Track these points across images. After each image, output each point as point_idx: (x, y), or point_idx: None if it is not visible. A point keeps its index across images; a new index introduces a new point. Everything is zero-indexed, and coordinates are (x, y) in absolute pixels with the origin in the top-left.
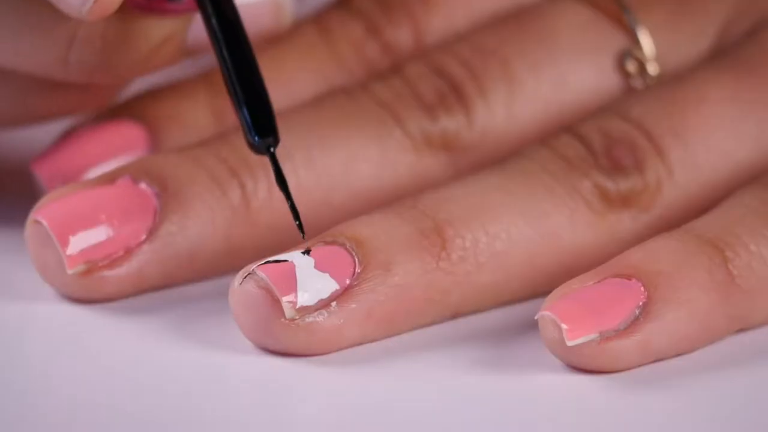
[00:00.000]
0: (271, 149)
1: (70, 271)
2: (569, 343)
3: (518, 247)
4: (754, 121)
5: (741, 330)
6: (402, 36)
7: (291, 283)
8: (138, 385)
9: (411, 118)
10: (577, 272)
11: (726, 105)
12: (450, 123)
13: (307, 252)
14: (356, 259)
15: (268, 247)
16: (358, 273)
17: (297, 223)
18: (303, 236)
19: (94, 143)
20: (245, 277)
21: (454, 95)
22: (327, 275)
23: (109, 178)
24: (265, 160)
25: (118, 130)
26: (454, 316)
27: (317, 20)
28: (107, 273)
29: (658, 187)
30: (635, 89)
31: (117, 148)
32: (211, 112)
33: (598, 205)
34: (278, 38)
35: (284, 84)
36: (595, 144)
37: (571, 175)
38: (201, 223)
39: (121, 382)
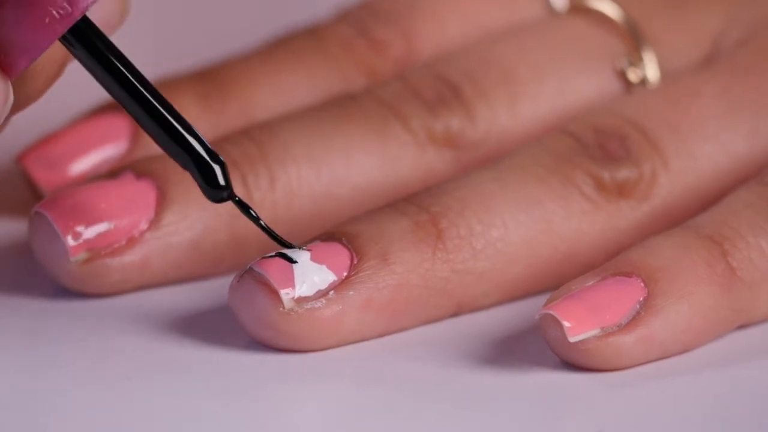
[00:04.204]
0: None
1: (72, 259)
2: (571, 339)
3: (514, 234)
4: (749, 114)
5: (743, 326)
6: (395, 45)
7: (288, 277)
8: (138, 384)
9: (412, 114)
10: (577, 260)
11: (720, 98)
12: (453, 120)
13: (303, 248)
14: (352, 253)
15: (271, 241)
16: (355, 264)
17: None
18: (287, 246)
19: (76, 132)
20: (243, 275)
21: (454, 96)
22: (324, 267)
23: (111, 174)
24: (267, 153)
25: (101, 120)
26: (459, 308)
27: (311, 30)
28: (110, 261)
29: (654, 176)
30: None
31: (100, 136)
32: (196, 98)
33: (593, 193)
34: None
35: (283, 93)
36: (587, 138)
37: (563, 166)
38: (204, 213)
39: (121, 380)
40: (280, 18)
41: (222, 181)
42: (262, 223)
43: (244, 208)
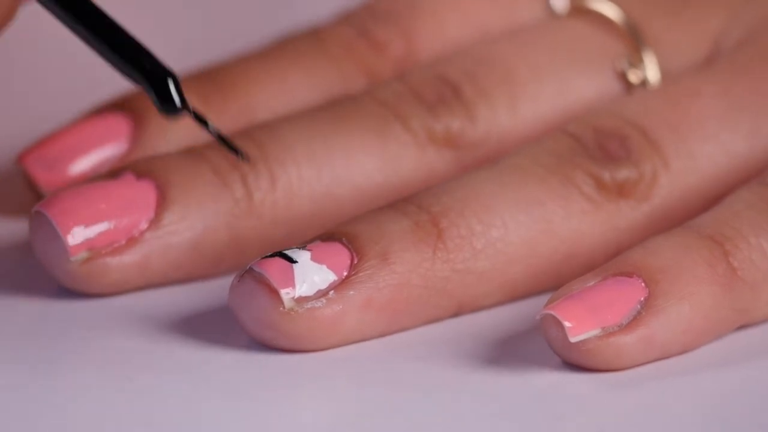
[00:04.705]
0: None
1: (72, 259)
2: (572, 339)
3: (514, 234)
4: (750, 114)
5: (743, 326)
6: (395, 46)
7: (288, 276)
8: (139, 385)
9: (412, 115)
10: (578, 260)
11: (720, 99)
12: (453, 121)
13: (303, 248)
14: (352, 252)
15: (273, 240)
16: (355, 264)
17: (235, 151)
18: (242, 157)
19: (76, 132)
20: (243, 275)
21: (454, 96)
22: (324, 267)
23: (112, 175)
24: (267, 153)
25: (101, 119)
26: (459, 308)
27: (312, 32)
28: (110, 260)
29: (655, 176)
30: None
31: (100, 136)
32: (196, 98)
33: (593, 193)
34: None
35: (283, 93)
36: (587, 139)
37: (563, 167)
38: (204, 213)
39: (120, 380)
40: (281, 21)
41: (175, 95)
42: (223, 136)
43: (201, 121)
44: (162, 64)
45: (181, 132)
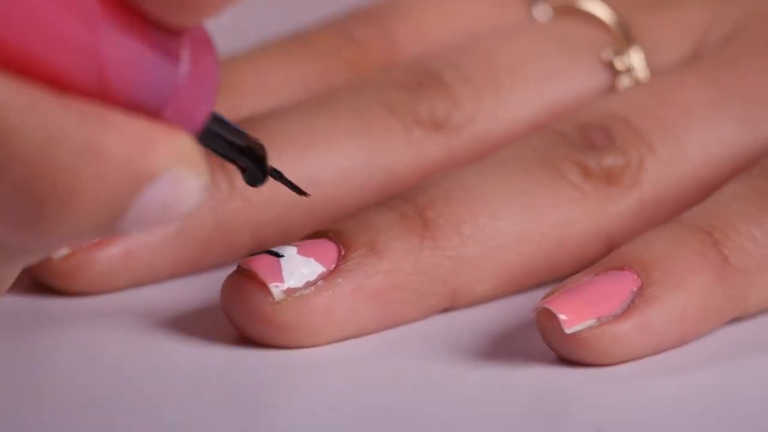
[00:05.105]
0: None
1: (54, 256)
2: (567, 331)
3: (502, 220)
4: (738, 101)
5: (739, 317)
6: (379, 49)
7: (276, 270)
8: (140, 385)
9: (396, 100)
10: (569, 247)
11: (705, 89)
12: (438, 104)
13: (290, 244)
14: (340, 246)
15: (262, 224)
16: (343, 255)
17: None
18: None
19: None
20: (232, 274)
21: (438, 82)
22: (312, 260)
23: None
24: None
25: None
26: (454, 296)
27: (298, 35)
28: (93, 253)
29: (641, 162)
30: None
31: None
32: None
33: (580, 182)
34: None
35: (266, 89)
36: (571, 133)
37: (549, 158)
38: None
39: (117, 379)
40: (279, 22)
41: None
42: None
43: (283, 180)
44: (256, 148)
45: None
